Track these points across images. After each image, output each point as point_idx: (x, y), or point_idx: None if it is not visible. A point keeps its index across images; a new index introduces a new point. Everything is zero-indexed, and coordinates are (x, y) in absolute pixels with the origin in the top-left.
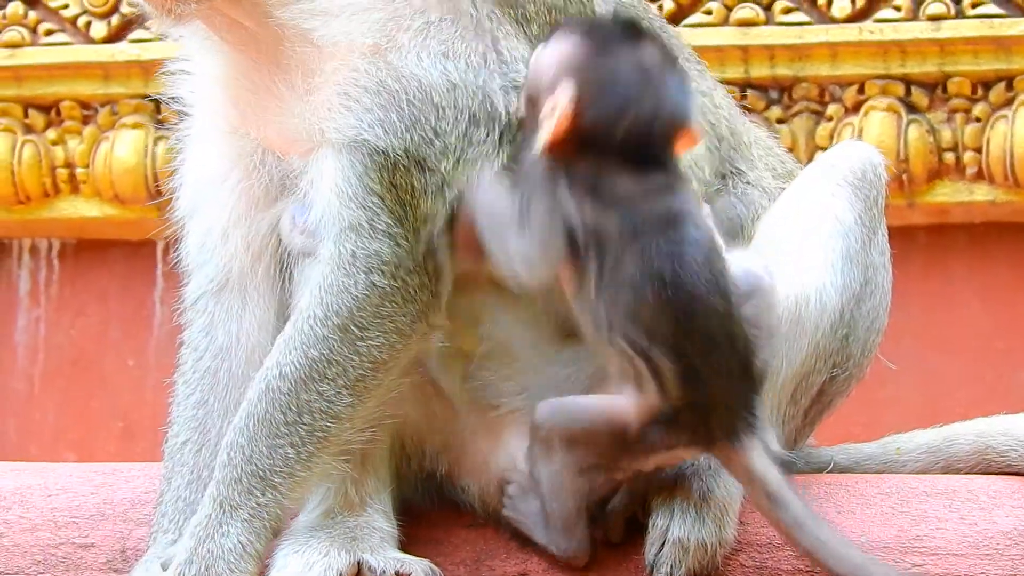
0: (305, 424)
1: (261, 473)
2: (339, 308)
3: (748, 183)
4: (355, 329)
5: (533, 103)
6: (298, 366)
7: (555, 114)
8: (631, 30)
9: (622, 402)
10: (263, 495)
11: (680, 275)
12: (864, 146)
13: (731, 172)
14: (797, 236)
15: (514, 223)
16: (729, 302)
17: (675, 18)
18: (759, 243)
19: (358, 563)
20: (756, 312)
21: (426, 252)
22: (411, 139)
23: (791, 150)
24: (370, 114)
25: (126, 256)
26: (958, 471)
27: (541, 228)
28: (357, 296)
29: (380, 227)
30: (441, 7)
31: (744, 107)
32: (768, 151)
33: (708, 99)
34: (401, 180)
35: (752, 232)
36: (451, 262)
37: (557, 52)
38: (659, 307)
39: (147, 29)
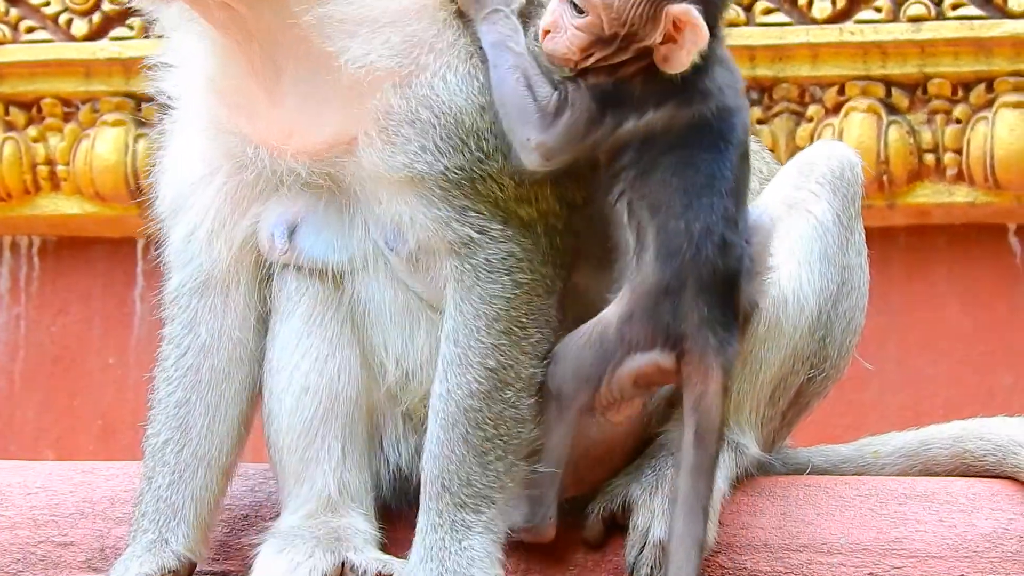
0: (503, 435)
1: (482, 492)
2: (497, 314)
3: None
4: (517, 329)
5: (623, 36)
6: (481, 380)
7: (695, 35)
8: None
9: (606, 310)
10: (489, 509)
11: (701, 188)
12: (841, 146)
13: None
14: (775, 235)
15: (539, 112)
16: (736, 222)
17: None
18: None
19: (342, 563)
20: (755, 248)
21: (547, 243)
22: (464, 157)
23: (771, 151)
24: (412, 144)
25: (107, 254)
26: (936, 474)
27: (578, 125)
28: (509, 297)
29: (495, 233)
30: (462, 21)
31: None
32: (753, 155)
33: None
34: (483, 189)
35: None
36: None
37: None
38: (664, 201)
39: (129, 28)
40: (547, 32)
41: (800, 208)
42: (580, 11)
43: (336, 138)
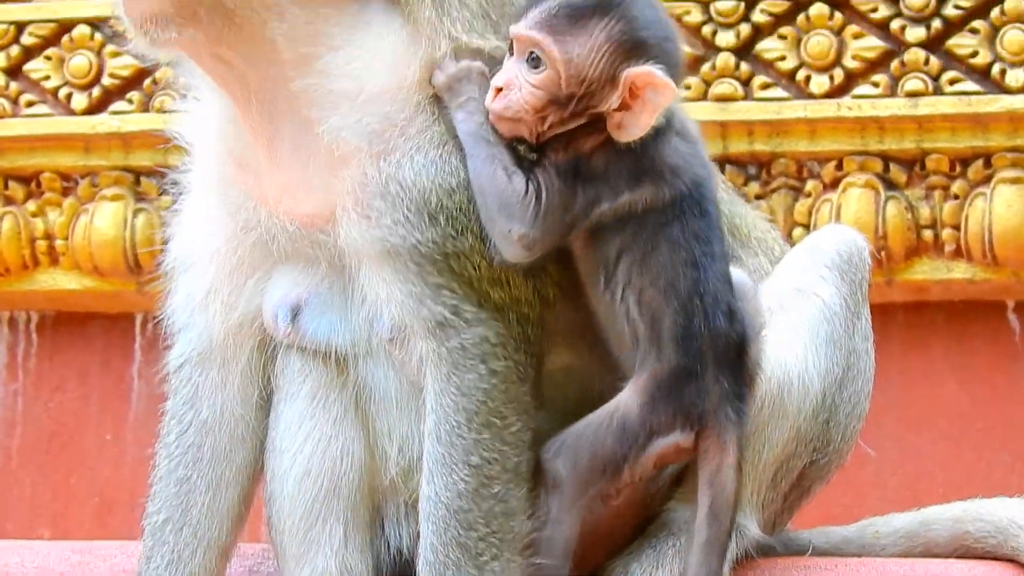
0: (495, 532)
1: None
2: (476, 407)
3: (748, 269)
4: (497, 420)
5: (579, 98)
6: (468, 478)
7: (657, 96)
8: None
9: (622, 396)
10: None
11: (704, 257)
12: (849, 230)
13: (732, 259)
14: (781, 318)
15: (518, 203)
16: (731, 284)
17: None
18: None
19: None
20: (748, 309)
21: (520, 331)
22: (436, 232)
23: None
24: (385, 217)
25: (105, 329)
26: (937, 556)
27: (553, 210)
28: (486, 388)
29: (468, 315)
30: (438, 106)
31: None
32: (765, 233)
33: None
34: (456, 266)
35: None
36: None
37: (604, 38)
38: (677, 278)
39: (129, 102)
40: (499, 91)
41: (807, 292)
42: (537, 66)
43: (320, 206)
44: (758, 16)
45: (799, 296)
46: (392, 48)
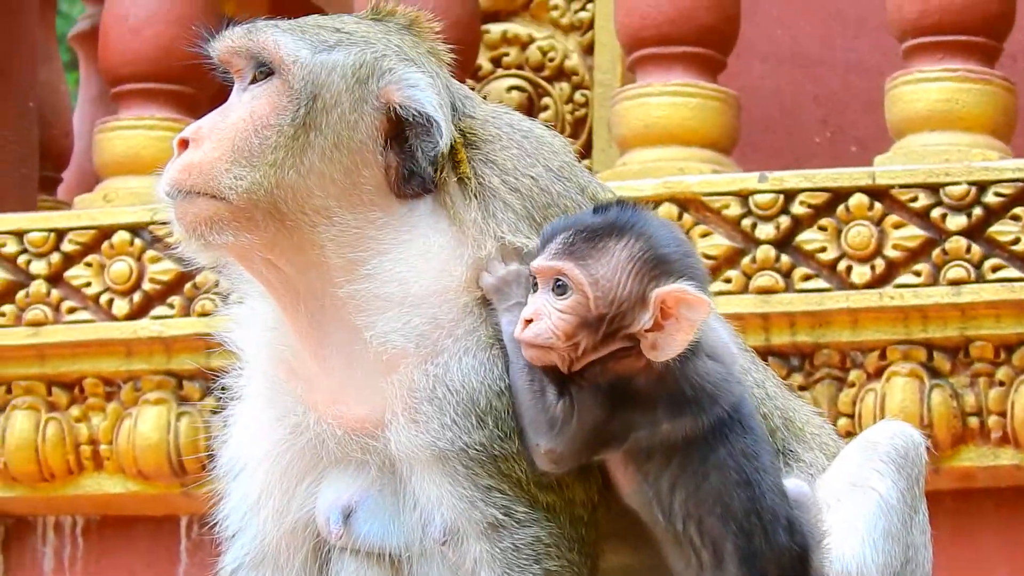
0: None
1: None
2: None
3: (802, 462)
4: None
5: (609, 319)
6: None
7: (692, 312)
8: (628, 205)
9: None
10: None
11: (755, 473)
12: (905, 425)
13: (786, 453)
14: (838, 513)
15: (547, 418)
16: (786, 495)
17: None
18: None
19: None
20: (809, 518)
21: (573, 531)
22: (484, 435)
23: None
24: (433, 422)
25: (150, 532)
26: None
27: (584, 429)
28: None
29: (521, 515)
30: (486, 309)
31: None
32: (819, 428)
33: (762, 390)
34: (506, 468)
35: None
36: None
37: (626, 257)
38: (732, 500)
39: (170, 306)
40: (528, 322)
41: (864, 486)
42: (563, 293)
43: (369, 412)
44: (797, 208)
45: (855, 490)
46: (439, 250)
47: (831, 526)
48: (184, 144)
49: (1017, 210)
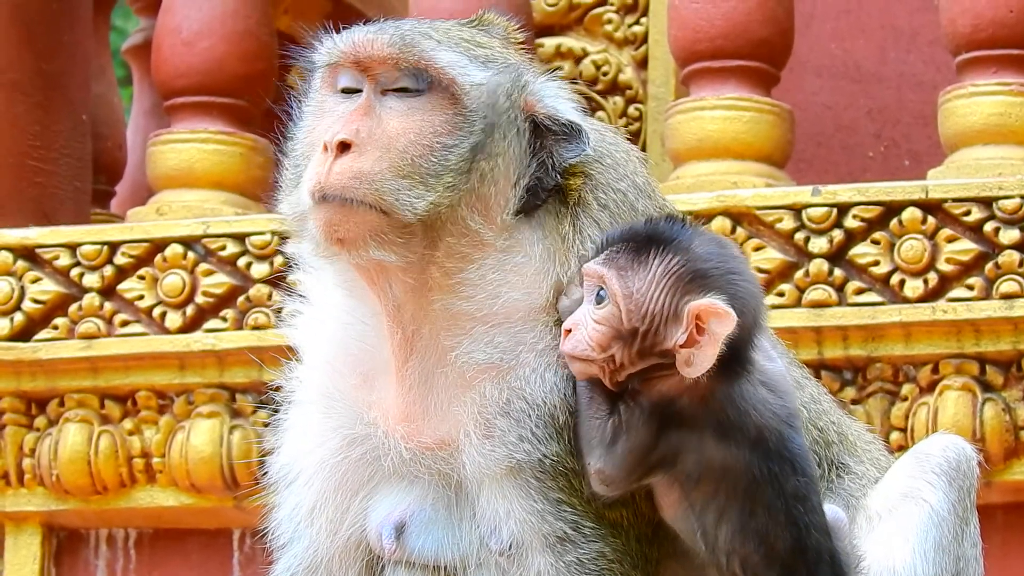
0: None
1: None
2: None
3: (854, 474)
4: None
5: (643, 333)
6: None
7: (720, 326)
8: (680, 221)
9: None
10: None
11: (803, 516)
12: (957, 438)
13: (839, 465)
14: (889, 524)
15: (598, 440)
16: (828, 528)
17: None
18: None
19: None
20: (844, 548)
21: (637, 548)
22: (560, 447)
23: None
24: (509, 435)
25: (202, 545)
26: None
27: (634, 451)
28: None
29: (587, 530)
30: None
31: None
32: (870, 444)
33: (817, 405)
34: (576, 483)
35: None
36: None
37: (662, 272)
38: (778, 541)
39: (223, 319)
40: (568, 332)
41: (915, 497)
42: (601, 303)
43: (442, 435)
44: (850, 222)
45: (906, 501)
46: (530, 265)
47: (882, 536)
48: (342, 147)
49: None
